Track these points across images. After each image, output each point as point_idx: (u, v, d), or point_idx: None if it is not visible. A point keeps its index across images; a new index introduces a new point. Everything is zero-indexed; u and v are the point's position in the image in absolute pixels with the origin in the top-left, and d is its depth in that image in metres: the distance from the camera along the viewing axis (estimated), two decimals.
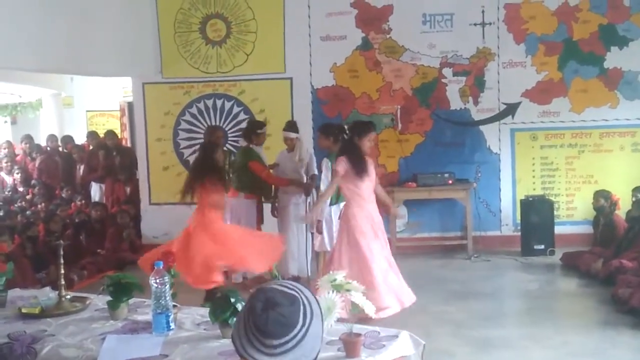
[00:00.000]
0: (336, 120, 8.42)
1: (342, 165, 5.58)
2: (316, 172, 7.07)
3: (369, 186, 5.63)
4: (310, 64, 8.67)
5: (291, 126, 7.22)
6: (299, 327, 1.59)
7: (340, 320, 2.59)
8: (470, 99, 8.53)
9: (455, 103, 8.55)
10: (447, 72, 8.53)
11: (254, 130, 7.18)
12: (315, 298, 1.67)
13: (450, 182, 8.14)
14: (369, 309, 2.62)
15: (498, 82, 8.46)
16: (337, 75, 8.65)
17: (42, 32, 6.95)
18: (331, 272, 5.09)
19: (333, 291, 2.56)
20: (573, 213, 8.52)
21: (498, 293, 6.79)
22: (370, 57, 8.60)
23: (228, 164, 7.59)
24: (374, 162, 5.79)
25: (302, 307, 1.60)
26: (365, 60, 8.60)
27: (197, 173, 5.95)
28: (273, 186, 7.18)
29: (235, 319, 1.69)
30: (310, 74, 8.67)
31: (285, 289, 1.63)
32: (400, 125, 8.58)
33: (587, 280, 6.80)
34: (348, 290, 2.62)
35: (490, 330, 5.34)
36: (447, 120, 8.54)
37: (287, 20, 8.61)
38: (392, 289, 5.44)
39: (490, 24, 8.41)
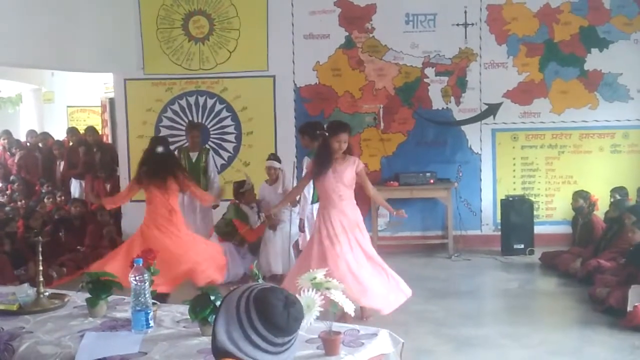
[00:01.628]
0: (318, 118, 8.44)
1: (309, 165, 5.72)
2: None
3: (335, 186, 5.50)
4: (293, 62, 8.66)
5: (275, 157, 7.44)
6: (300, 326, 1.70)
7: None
8: (452, 99, 8.57)
9: (438, 103, 8.59)
10: (430, 72, 8.57)
11: (238, 190, 7.55)
12: None
13: (431, 181, 8.18)
14: (349, 308, 2.63)
15: (480, 82, 8.52)
16: (320, 73, 8.66)
17: (23, 27, 6.89)
18: (297, 269, 5.11)
19: (313, 289, 2.57)
20: (552, 213, 8.60)
21: (478, 292, 6.85)
22: (353, 56, 8.61)
23: (205, 162, 7.65)
24: (358, 163, 5.59)
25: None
26: (349, 59, 8.62)
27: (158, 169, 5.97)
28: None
29: (220, 320, 1.68)
30: (293, 72, 8.67)
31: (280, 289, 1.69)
32: (382, 124, 8.61)
33: (566, 279, 6.87)
34: (328, 289, 2.62)
35: (469, 329, 5.38)
36: (429, 119, 8.58)
37: (270, 18, 8.60)
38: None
39: (472, 24, 8.46)
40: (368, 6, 8.53)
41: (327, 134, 5.51)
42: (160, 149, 6.03)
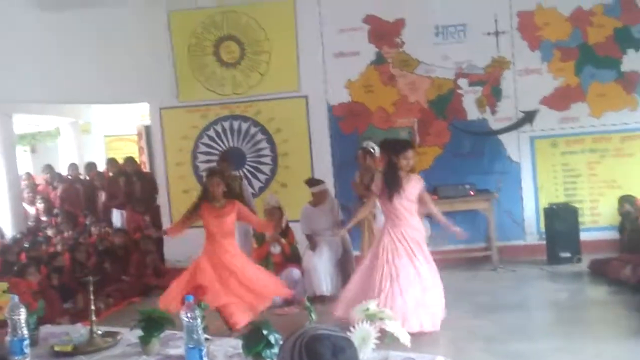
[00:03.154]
0: (353, 136, 8.44)
1: (377, 184, 5.71)
2: (340, 216, 7.38)
3: (403, 203, 5.59)
4: (325, 81, 8.68)
5: (316, 181, 7.50)
6: None
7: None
8: (488, 108, 8.49)
9: (473, 113, 8.52)
10: (463, 82, 8.50)
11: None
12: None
13: (471, 193, 8.08)
14: (404, 338, 2.60)
15: (515, 90, 8.42)
16: (352, 91, 8.66)
17: (61, 65, 7.09)
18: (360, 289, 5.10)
19: (367, 321, 2.54)
20: (598, 219, 8.42)
21: (526, 304, 6.71)
22: (385, 72, 8.60)
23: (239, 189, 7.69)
24: (419, 180, 5.68)
25: (355, 347, 1.67)
26: (380, 75, 8.60)
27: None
28: None
29: None
30: (325, 91, 8.68)
31: (336, 332, 1.67)
32: (418, 138, 8.55)
33: (617, 287, 6.70)
34: (382, 319, 2.60)
35: (521, 343, 5.26)
36: (464, 131, 8.51)
37: (299, 39, 8.65)
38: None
39: (503, 32, 8.38)
40: (397, 21, 8.52)
41: (390, 153, 5.62)
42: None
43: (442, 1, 8.41)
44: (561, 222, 7.90)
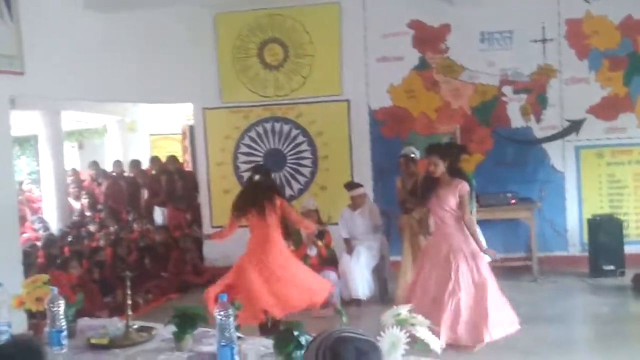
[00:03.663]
0: (394, 141, 8.40)
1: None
2: (380, 221, 7.39)
3: (437, 210, 5.52)
4: (367, 85, 8.67)
5: (355, 184, 7.48)
6: None
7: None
8: (532, 116, 8.35)
9: (517, 121, 8.40)
10: (507, 90, 8.39)
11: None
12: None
13: (513, 201, 7.95)
14: (435, 344, 2.57)
15: (561, 98, 8.27)
16: (395, 95, 8.63)
17: (109, 64, 7.24)
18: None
19: (397, 326, 2.52)
20: None
21: (567, 317, 6.56)
22: (428, 77, 8.54)
23: None
24: (461, 187, 5.43)
25: (380, 351, 1.67)
26: (423, 80, 8.55)
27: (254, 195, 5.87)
28: None
29: None
30: (367, 95, 8.67)
31: (362, 336, 1.67)
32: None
33: None
34: (413, 325, 2.57)
35: (560, 357, 5.17)
36: (508, 138, 8.39)
37: (343, 43, 8.65)
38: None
39: (551, 40, 8.25)
40: (442, 26, 8.47)
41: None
42: (257, 177, 5.97)
43: (488, 7, 8.30)
44: (605, 234, 7.72)
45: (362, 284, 6.97)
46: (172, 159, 10.42)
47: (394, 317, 2.57)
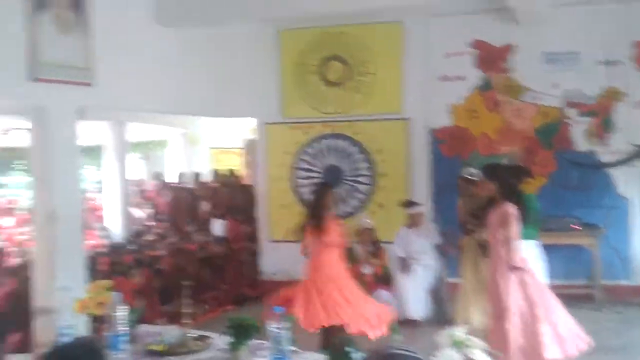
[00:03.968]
0: (454, 160, 8.32)
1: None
2: (439, 241, 7.34)
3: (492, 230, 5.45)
4: (428, 104, 8.62)
5: (413, 203, 7.48)
6: None
7: None
8: (597, 140, 8.14)
9: (581, 144, 8.19)
10: (572, 112, 8.20)
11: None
12: None
13: (575, 227, 7.74)
14: None
15: (628, 123, 8.02)
16: (456, 115, 8.56)
17: (175, 77, 7.44)
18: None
19: (453, 347, 2.50)
20: None
21: (632, 349, 6.31)
22: (490, 97, 8.44)
23: None
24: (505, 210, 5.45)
25: None
26: (485, 100, 8.46)
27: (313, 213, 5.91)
28: None
29: None
30: (428, 114, 8.62)
31: (412, 354, 1.66)
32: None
33: None
34: (468, 347, 2.54)
35: None
36: (572, 162, 8.19)
37: (405, 61, 8.64)
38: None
39: (618, 62, 8.03)
40: (505, 46, 8.36)
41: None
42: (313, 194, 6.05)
43: (553, 27, 8.16)
44: None
45: (417, 304, 6.91)
46: (231, 172, 10.59)
47: (450, 337, 2.54)
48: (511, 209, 5.30)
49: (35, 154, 6.27)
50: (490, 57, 8.42)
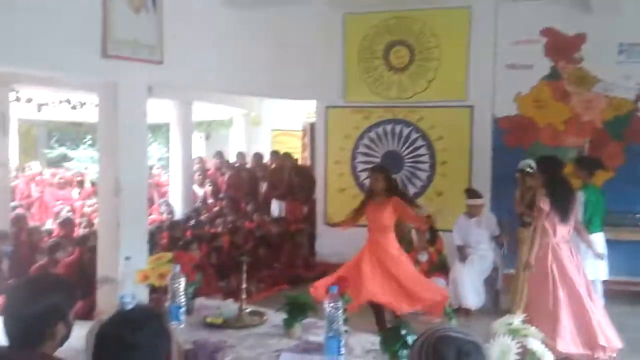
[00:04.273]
0: (517, 150, 8.16)
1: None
2: (498, 232, 7.25)
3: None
4: (493, 92, 8.46)
5: (475, 193, 7.36)
6: None
7: None
8: None
9: None
10: None
11: None
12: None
13: None
14: (548, 358, 2.50)
15: None
16: (521, 104, 8.38)
17: (239, 57, 7.53)
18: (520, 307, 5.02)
19: (508, 335, 2.48)
20: None
21: None
22: (558, 87, 8.22)
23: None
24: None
25: (486, 355, 1.63)
26: (553, 90, 8.24)
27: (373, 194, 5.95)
28: None
29: None
30: (493, 103, 8.47)
31: (466, 337, 1.65)
32: None
33: None
34: (525, 336, 2.51)
35: None
36: None
37: (471, 48, 8.49)
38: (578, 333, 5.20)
39: None
40: (577, 35, 8.11)
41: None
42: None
43: (629, 17, 7.87)
44: None
45: (472, 293, 6.84)
46: (288, 155, 10.70)
47: (506, 326, 2.52)
48: (541, 203, 5.33)
49: (104, 129, 6.45)
50: (561, 46, 8.19)
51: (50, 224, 9.92)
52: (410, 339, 2.82)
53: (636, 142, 7.95)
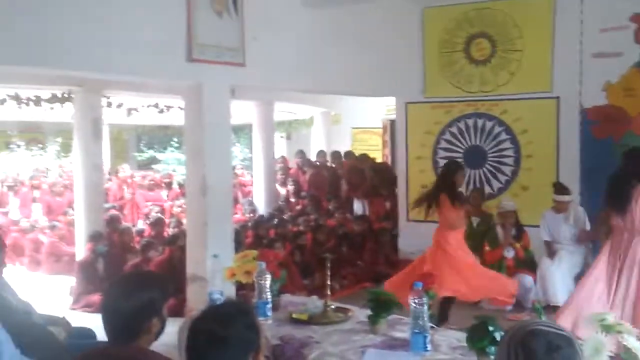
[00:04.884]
0: (607, 142, 7.86)
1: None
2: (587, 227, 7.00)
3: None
4: (580, 82, 8.16)
5: (563, 189, 7.16)
6: None
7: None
8: None
9: None
10: None
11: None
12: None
13: None
14: None
15: None
16: (610, 94, 8.04)
17: (317, 56, 7.59)
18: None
19: (602, 331, 2.41)
20: None
21: None
22: None
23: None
24: None
25: (579, 350, 1.59)
26: None
27: (433, 190, 6.16)
28: None
29: (495, 356, 1.70)
30: (580, 93, 8.17)
31: (557, 330, 1.62)
32: None
33: None
34: (619, 332, 2.43)
35: None
36: None
37: (556, 38, 8.23)
38: None
39: None
40: None
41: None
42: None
43: None
44: None
45: (562, 290, 6.63)
46: (364, 156, 10.84)
47: (599, 322, 2.45)
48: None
49: (190, 132, 6.65)
50: None
51: (141, 225, 10.33)
52: (497, 335, 2.78)
53: None
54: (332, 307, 3.82)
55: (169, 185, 12.61)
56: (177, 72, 6.14)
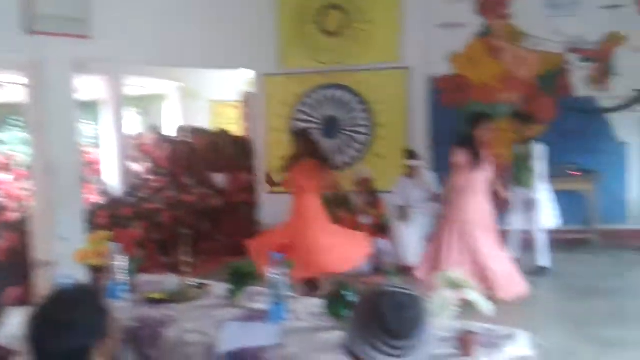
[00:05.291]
0: (453, 110, 8.27)
1: (460, 156, 5.59)
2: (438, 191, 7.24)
3: (482, 178, 5.62)
4: (428, 52, 8.51)
5: (413, 154, 7.46)
6: (425, 327, 1.66)
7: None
8: (598, 86, 8.07)
9: (582, 91, 8.13)
10: (573, 58, 8.11)
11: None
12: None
13: (573, 173, 7.76)
14: (487, 309, 2.56)
15: (629, 68, 7.93)
16: (457, 63, 8.46)
17: (167, 27, 7.32)
18: (440, 265, 5.17)
19: (448, 288, 2.52)
20: None
21: (625, 290, 6.36)
22: (490, 44, 8.34)
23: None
24: (489, 154, 5.70)
25: (425, 307, 1.65)
26: (485, 48, 8.35)
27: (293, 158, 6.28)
28: None
29: (350, 320, 1.72)
30: (428, 63, 8.52)
31: (404, 290, 1.67)
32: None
33: None
34: (463, 288, 2.56)
35: (614, 330, 5.06)
36: (571, 108, 8.13)
37: (404, 9, 8.50)
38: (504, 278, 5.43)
39: (620, 6, 7.89)
40: None
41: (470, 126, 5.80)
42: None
43: None
44: None
45: (414, 251, 6.94)
46: (221, 130, 10.75)
47: (445, 279, 2.57)
48: (456, 157, 5.51)
49: (32, 109, 6.22)
50: (491, 3, 8.29)
51: None
52: (352, 299, 2.84)
53: (566, 95, 8.15)
54: (191, 283, 3.74)
55: (10, 167, 11.74)
56: (13, 45, 5.68)
